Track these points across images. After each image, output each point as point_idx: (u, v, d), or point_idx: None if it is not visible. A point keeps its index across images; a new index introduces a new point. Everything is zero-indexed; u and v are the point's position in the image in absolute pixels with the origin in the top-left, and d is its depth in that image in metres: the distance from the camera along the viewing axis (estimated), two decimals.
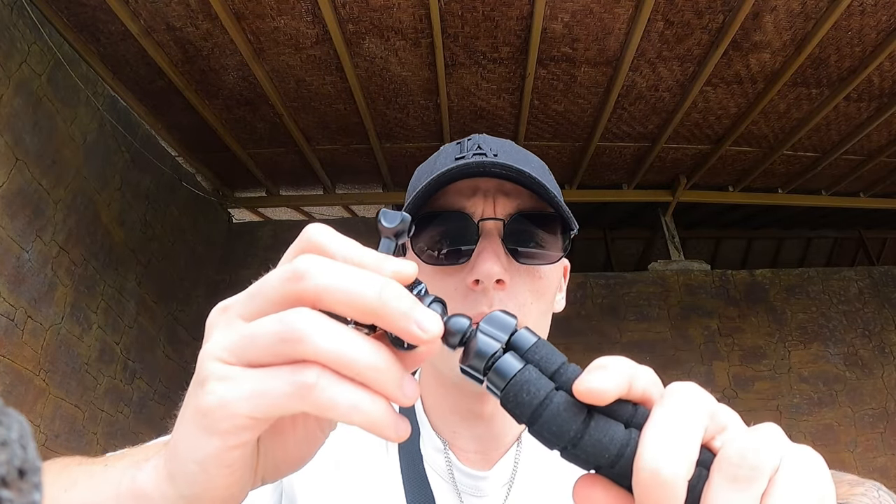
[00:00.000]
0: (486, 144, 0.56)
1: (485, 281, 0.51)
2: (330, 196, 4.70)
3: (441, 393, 0.60)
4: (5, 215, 2.50)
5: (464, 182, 0.54)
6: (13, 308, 2.52)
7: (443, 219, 0.54)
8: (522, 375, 0.26)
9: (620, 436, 0.24)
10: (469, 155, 0.54)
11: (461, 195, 0.54)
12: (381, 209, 0.29)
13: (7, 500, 0.16)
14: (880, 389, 4.22)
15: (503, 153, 0.55)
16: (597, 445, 0.24)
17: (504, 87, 3.46)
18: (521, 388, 0.25)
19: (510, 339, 0.27)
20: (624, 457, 0.24)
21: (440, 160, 0.58)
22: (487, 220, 0.53)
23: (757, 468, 0.23)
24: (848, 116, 3.72)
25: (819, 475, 0.24)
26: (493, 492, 0.57)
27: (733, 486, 0.23)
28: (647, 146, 4.11)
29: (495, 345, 0.27)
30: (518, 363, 0.26)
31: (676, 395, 0.25)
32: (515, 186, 0.54)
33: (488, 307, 0.51)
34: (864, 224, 5.99)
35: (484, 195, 0.54)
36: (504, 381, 0.26)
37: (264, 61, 3.23)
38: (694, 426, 0.24)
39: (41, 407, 2.68)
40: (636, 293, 4.55)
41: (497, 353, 0.26)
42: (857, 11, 2.87)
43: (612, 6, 2.85)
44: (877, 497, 0.47)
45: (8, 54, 2.54)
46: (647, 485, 0.23)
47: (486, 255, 0.51)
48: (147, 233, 3.61)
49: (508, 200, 0.54)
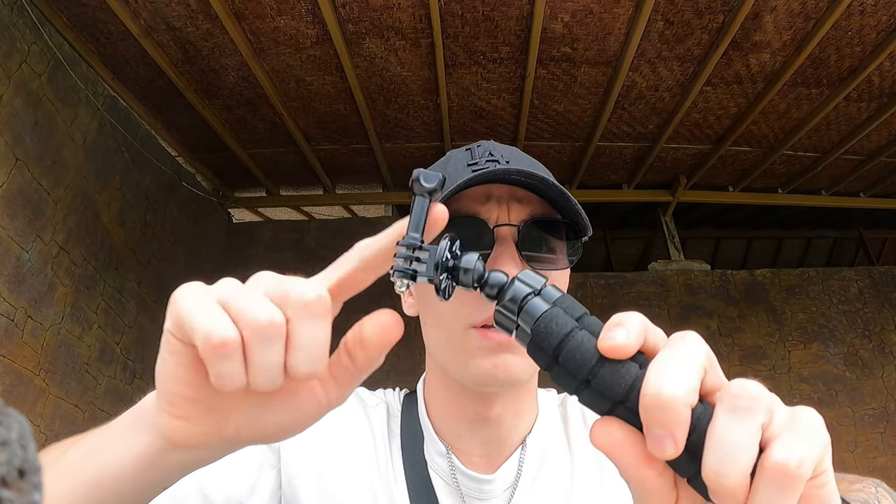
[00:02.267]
0: (497, 151, 0.57)
1: None
2: (330, 196, 4.70)
3: (447, 397, 0.60)
4: (5, 215, 2.49)
5: (477, 188, 0.55)
6: (13, 308, 2.52)
7: (457, 224, 0.55)
8: (551, 312, 0.29)
9: (634, 371, 0.27)
10: (482, 161, 0.55)
11: (475, 201, 0.55)
12: (416, 169, 0.32)
13: (7, 500, 0.16)
14: (880, 389, 4.22)
15: (514, 160, 0.56)
16: (613, 377, 0.27)
17: (504, 87, 3.46)
18: (551, 321, 0.29)
19: (541, 290, 0.31)
20: (635, 390, 0.27)
21: (451, 166, 0.58)
22: (503, 226, 0.54)
23: (756, 398, 0.25)
24: (848, 116, 3.72)
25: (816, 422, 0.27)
26: (496, 495, 0.57)
27: (734, 415, 0.25)
28: (647, 146, 4.11)
29: (528, 289, 0.30)
30: (546, 304, 0.30)
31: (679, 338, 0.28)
32: (527, 193, 0.55)
33: None
34: (864, 224, 5.99)
35: (497, 201, 0.55)
36: (534, 318, 0.29)
37: (264, 61, 3.23)
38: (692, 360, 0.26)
39: (41, 407, 2.68)
40: (636, 293, 4.55)
41: (529, 296, 0.30)
42: (857, 11, 2.87)
43: (612, 6, 2.85)
44: (874, 493, 0.47)
45: (8, 54, 2.54)
46: (650, 406, 0.25)
47: (504, 261, 0.52)
48: (147, 233, 3.61)
49: (522, 207, 0.55)
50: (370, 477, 0.58)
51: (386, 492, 0.57)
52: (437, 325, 0.57)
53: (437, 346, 0.58)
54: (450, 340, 0.55)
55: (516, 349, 0.53)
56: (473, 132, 3.93)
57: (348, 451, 0.59)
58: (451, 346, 0.55)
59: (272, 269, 0.31)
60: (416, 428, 0.61)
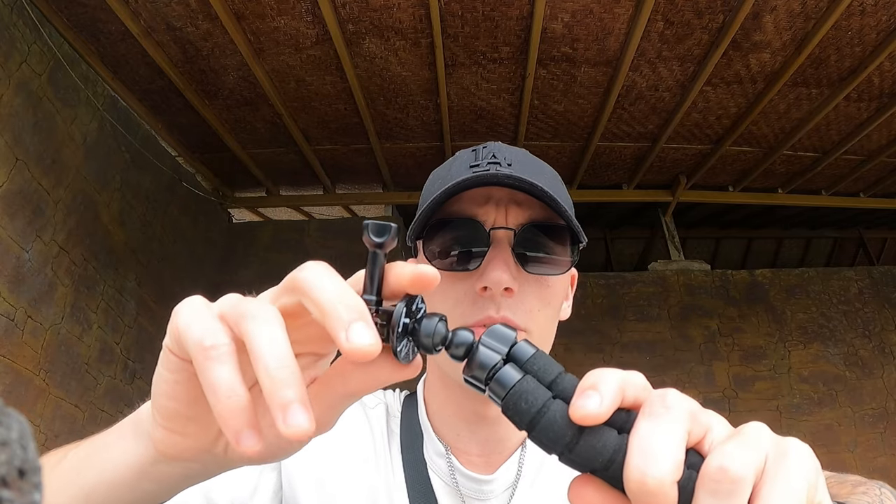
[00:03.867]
0: (500, 153, 0.57)
1: (493, 288, 0.52)
2: (330, 196, 4.70)
3: (446, 396, 0.60)
4: (5, 215, 2.49)
5: (478, 190, 0.55)
6: (13, 308, 2.52)
7: (455, 225, 0.55)
8: (521, 385, 0.27)
9: (613, 441, 0.26)
10: (483, 163, 0.55)
11: (474, 203, 0.55)
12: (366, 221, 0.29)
13: (7, 500, 0.16)
14: (880, 389, 4.22)
15: (517, 163, 0.56)
16: (591, 451, 0.25)
17: (504, 87, 3.46)
18: (520, 397, 0.27)
19: (510, 351, 0.29)
20: (616, 462, 0.25)
21: (455, 166, 0.59)
22: (499, 228, 0.54)
23: (736, 481, 0.24)
24: (848, 116, 3.72)
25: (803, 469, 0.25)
26: (496, 496, 0.57)
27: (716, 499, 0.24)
28: (647, 146, 4.11)
29: (496, 356, 0.28)
30: (517, 374, 0.28)
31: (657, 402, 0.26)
32: (528, 196, 0.55)
33: (496, 312, 0.52)
34: (864, 224, 5.99)
35: (496, 204, 0.55)
36: (504, 391, 0.27)
37: (264, 61, 3.23)
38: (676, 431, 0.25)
39: (41, 407, 2.68)
40: (636, 293, 4.55)
41: (497, 365, 0.28)
42: (857, 11, 2.87)
43: (612, 6, 2.85)
44: (878, 495, 0.47)
45: (8, 54, 2.54)
46: (637, 491, 0.24)
47: (496, 264, 0.52)
48: (147, 233, 3.61)
49: (520, 210, 0.55)
50: (370, 477, 0.58)
51: (385, 492, 0.57)
52: None
53: None
54: None
55: None
56: (473, 132, 3.93)
57: (348, 451, 0.59)
58: None
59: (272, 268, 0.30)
60: (416, 428, 0.61)
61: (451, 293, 0.55)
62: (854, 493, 0.49)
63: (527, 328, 0.54)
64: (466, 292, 0.54)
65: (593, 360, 4.23)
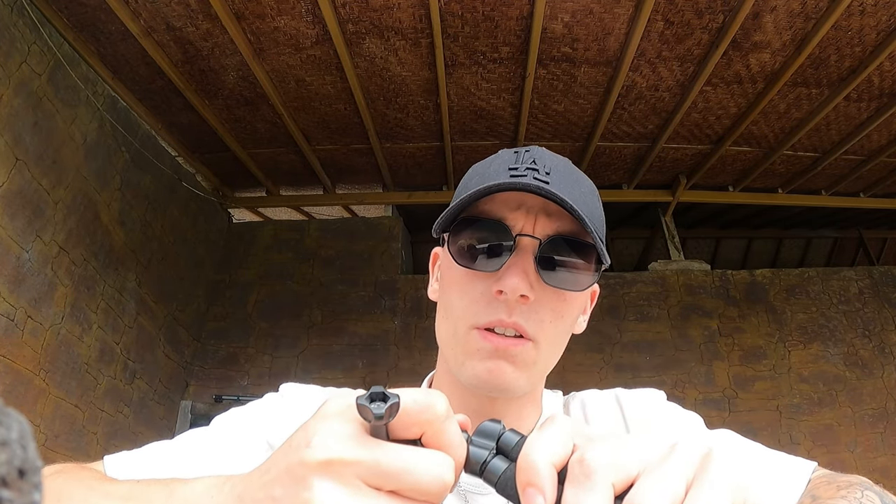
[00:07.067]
0: (541, 160, 0.56)
1: (509, 293, 0.52)
2: (330, 196, 4.70)
3: (451, 390, 0.61)
4: (5, 215, 2.50)
5: (511, 194, 0.56)
6: (13, 308, 2.52)
7: (483, 225, 0.56)
8: (506, 474, 0.31)
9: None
10: (522, 168, 0.55)
11: (506, 206, 0.56)
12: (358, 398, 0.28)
13: (7, 500, 0.16)
14: (880, 389, 4.22)
15: (556, 173, 0.56)
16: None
17: (504, 87, 3.46)
18: (507, 483, 0.31)
19: (497, 443, 0.33)
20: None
21: (494, 166, 0.59)
22: (525, 236, 0.55)
23: (590, 469, 0.27)
24: (848, 116, 3.72)
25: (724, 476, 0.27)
26: None
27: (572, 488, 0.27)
28: (647, 146, 4.11)
29: (484, 452, 0.32)
30: (503, 464, 0.32)
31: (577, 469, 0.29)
32: (560, 209, 0.55)
33: (507, 317, 0.53)
34: (864, 224, 5.99)
35: (527, 211, 0.55)
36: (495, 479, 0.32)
37: (264, 61, 3.23)
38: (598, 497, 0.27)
39: (41, 407, 2.68)
40: (636, 293, 4.55)
41: (487, 459, 0.32)
42: (857, 11, 2.87)
43: (612, 6, 2.85)
44: (859, 498, 0.47)
45: (8, 54, 2.54)
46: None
47: (515, 271, 0.53)
48: (147, 233, 3.61)
49: (549, 221, 0.55)
50: None
51: None
52: (447, 318, 0.58)
53: (444, 339, 0.59)
54: (454, 336, 0.56)
55: (514, 359, 0.53)
56: (473, 132, 3.93)
57: None
58: (455, 341, 0.56)
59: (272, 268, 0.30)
60: None
61: (469, 291, 0.56)
62: (834, 496, 0.48)
63: (535, 338, 0.54)
64: (483, 293, 0.55)
65: (593, 360, 4.23)
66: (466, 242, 0.56)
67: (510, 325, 0.53)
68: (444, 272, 0.61)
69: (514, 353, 0.53)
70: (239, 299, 4.41)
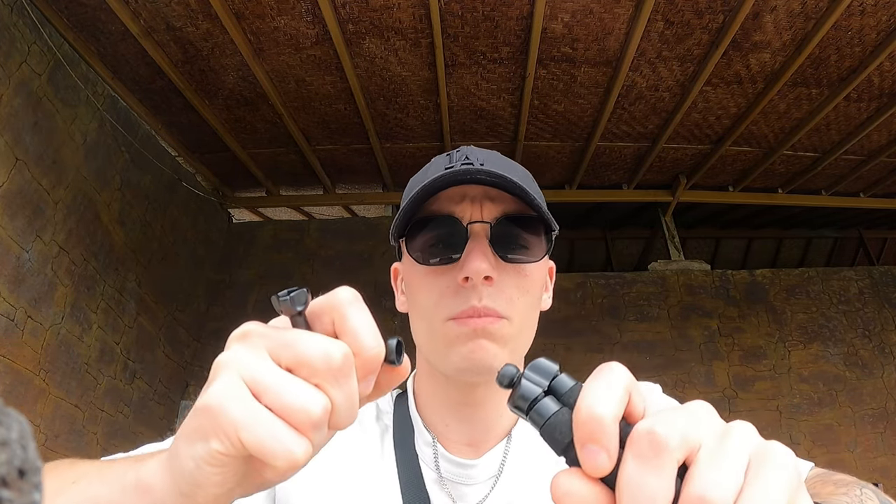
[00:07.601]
0: (472, 155, 0.60)
1: (474, 277, 0.55)
2: (330, 196, 4.70)
3: (433, 387, 0.63)
4: (5, 215, 2.50)
5: (453, 189, 0.59)
6: (13, 308, 2.52)
7: (435, 223, 0.59)
8: (556, 417, 0.30)
9: None
10: (457, 165, 0.58)
11: (451, 201, 0.59)
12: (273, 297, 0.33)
13: (7, 500, 0.16)
14: (880, 389, 4.22)
15: (489, 162, 0.59)
16: None
17: (504, 87, 3.46)
18: (555, 427, 0.30)
19: (551, 383, 0.31)
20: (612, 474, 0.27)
21: (431, 170, 0.62)
22: (475, 223, 0.58)
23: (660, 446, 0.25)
24: (848, 116, 3.72)
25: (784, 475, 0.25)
26: (480, 481, 0.59)
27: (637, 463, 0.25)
28: (647, 146, 4.11)
29: (536, 390, 0.31)
30: (555, 406, 0.30)
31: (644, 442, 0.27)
32: (500, 192, 0.59)
33: (478, 301, 0.55)
34: (864, 224, 5.99)
35: (471, 201, 0.59)
36: (543, 420, 0.30)
37: (264, 61, 3.23)
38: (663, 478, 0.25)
39: (41, 407, 2.68)
40: (636, 293, 4.55)
41: (538, 397, 0.31)
42: (857, 11, 2.87)
43: (612, 6, 2.85)
44: (858, 495, 0.47)
45: (8, 54, 2.54)
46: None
47: (475, 255, 0.55)
48: (147, 233, 3.61)
49: (494, 205, 0.59)
50: (361, 475, 0.59)
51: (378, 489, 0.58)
52: (421, 317, 0.60)
53: (422, 338, 0.61)
54: (431, 331, 0.58)
55: (493, 335, 0.55)
56: (473, 132, 3.93)
57: (339, 449, 0.60)
58: (433, 337, 0.58)
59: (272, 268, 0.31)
60: (408, 422, 0.64)
61: (436, 287, 0.58)
62: (835, 493, 0.49)
63: (508, 315, 0.56)
64: (449, 285, 0.57)
65: (593, 360, 4.23)
66: (423, 243, 0.59)
67: (482, 311, 0.55)
68: (408, 278, 0.63)
69: (492, 331, 0.55)
70: (239, 299, 4.40)
